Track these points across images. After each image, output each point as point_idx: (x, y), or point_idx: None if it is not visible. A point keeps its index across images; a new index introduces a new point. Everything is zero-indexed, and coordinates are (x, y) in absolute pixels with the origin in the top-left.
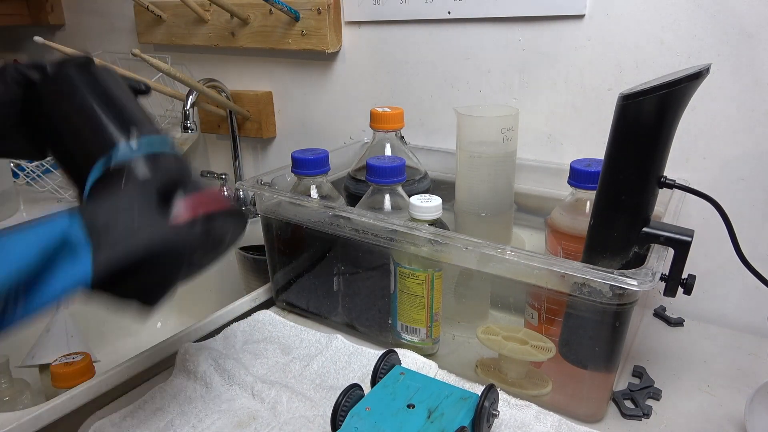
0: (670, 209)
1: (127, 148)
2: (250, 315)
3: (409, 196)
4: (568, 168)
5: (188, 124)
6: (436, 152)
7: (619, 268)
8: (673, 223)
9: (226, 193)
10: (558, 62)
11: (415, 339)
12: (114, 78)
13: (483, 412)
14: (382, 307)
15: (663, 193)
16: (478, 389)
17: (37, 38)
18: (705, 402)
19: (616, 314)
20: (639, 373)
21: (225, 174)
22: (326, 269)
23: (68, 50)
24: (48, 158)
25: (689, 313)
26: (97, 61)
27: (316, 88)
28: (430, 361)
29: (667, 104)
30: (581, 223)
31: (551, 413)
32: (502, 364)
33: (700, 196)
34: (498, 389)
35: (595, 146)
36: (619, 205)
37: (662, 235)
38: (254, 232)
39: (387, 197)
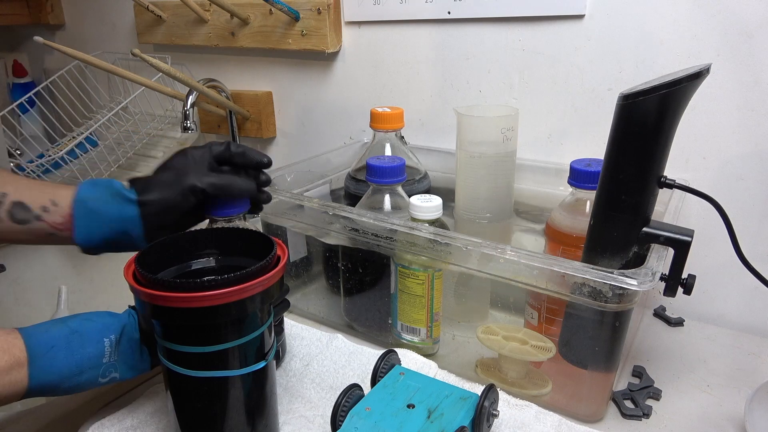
0: (670, 209)
1: None
2: None
3: (409, 196)
4: (568, 168)
5: (188, 124)
6: (436, 152)
7: (619, 268)
8: (673, 223)
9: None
10: (558, 62)
11: (415, 339)
12: None
13: (483, 412)
14: (382, 307)
15: (663, 193)
16: (478, 389)
17: (37, 38)
18: (705, 402)
19: (616, 314)
20: (639, 373)
21: None
22: (326, 269)
23: (68, 50)
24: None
25: (689, 313)
26: None
27: (316, 88)
28: (430, 361)
29: (667, 104)
30: (581, 223)
31: (551, 413)
32: (502, 364)
33: (700, 196)
34: (498, 389)
35: (595, 146)
36: (619, 205)
37: (662, 235)
38: None
39: (387, 197)
